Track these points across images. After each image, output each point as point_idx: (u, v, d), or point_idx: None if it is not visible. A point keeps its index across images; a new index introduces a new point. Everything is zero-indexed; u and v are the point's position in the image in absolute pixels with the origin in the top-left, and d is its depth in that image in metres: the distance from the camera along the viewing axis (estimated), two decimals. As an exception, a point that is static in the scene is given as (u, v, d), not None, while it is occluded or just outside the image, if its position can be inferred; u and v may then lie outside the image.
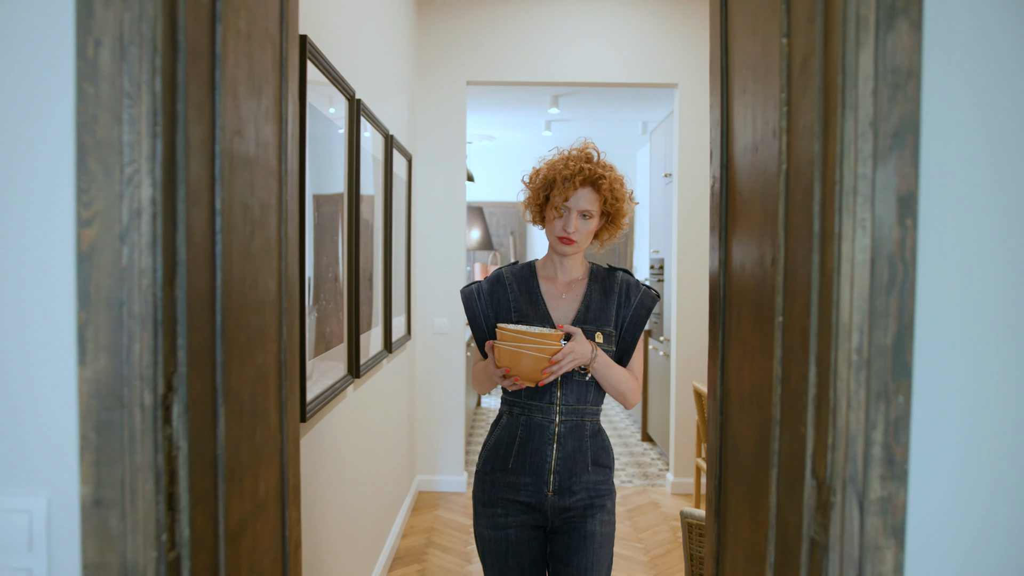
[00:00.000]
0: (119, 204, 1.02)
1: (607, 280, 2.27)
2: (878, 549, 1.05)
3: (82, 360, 1.03)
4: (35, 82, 1.03)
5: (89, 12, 1.01)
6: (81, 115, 1.01)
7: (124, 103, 1.01)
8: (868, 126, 1.02)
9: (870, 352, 1.03)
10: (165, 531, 1.07)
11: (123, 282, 1.02)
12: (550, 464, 2.15)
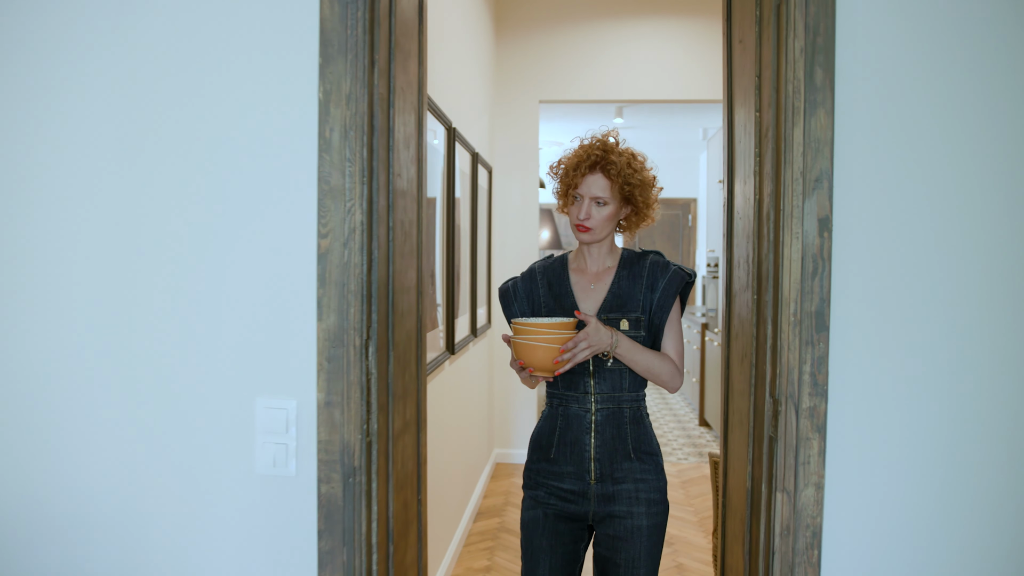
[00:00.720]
0: (342, 225, 1.71)
1: (636, 265, 2.19)
2: (808, 440, 1.67)
3: (320, 317, 1.72)
4: (295, 154, 1.73)
5: (326, 111, 1.70)
6: (320, 172, 1.70)
7: (345, 165, 1.70)
8: (800, 174, 1.64)
9: (801, 315, 1.66)
10: (364, 423, 1.76)
11: (344, 271, 1.71)
12: (589, 452, 2.12)
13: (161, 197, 1.76)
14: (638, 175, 2.14)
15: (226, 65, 1.74)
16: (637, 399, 2.17)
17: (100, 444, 1.80)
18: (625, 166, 2.13)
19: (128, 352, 1.78)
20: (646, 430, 2.17)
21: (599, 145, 2.16)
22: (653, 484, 2.15)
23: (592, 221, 2.14)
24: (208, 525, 1.78)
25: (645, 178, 2.17)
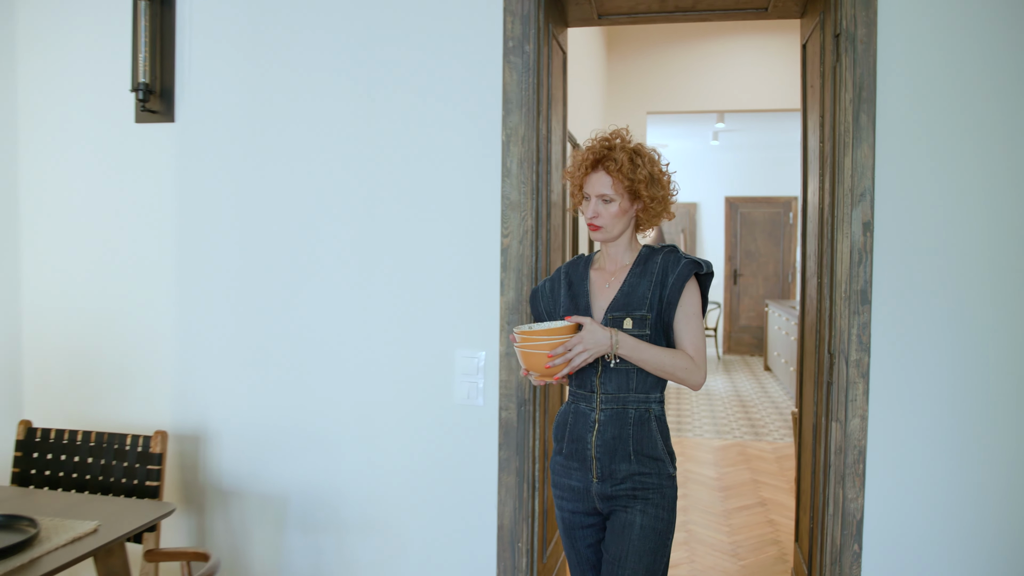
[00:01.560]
0: (519, 228, 2.44)
1: (649, 261, 2.11)
2: (855, 383, 2.30)
3: (502, 293, 2.46)
4: (484, 180, 2.47)
5: (508, 149, 2.43)
6: (503, 191, 2.44)
7: (521, 186, 2.43)
8: (848, 190, 2.28)
9: (850, 293, 2.29)
10: (532, 369, 2.48)
11: (519, 261, 2.45)
12: (590, 451, 2.06)
13: (395, 217, 2.54)
14: (642, 170, 2.06)
15: (442, 122, 2.50)
16: (646, 401, 2.06)
17: (346, 383, 2.60)
18: (627, 162, 2.05)
19: (370, 316, 2.57)
20: (651, 433, 2.05)
21: (603, 143, 2.10)
22: (654, 489, 2.03)
23: (601, 219, 2.09)
24: (423, 439, 2.56)
25: (652, 172, 2.07)
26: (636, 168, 2.05)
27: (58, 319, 2.87)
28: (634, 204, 2.10)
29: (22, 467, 2.53)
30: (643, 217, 2.13)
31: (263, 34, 2.65)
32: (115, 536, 1.90)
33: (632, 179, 2.04)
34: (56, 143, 2.86)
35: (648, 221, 2.15)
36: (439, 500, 2.57)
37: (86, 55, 2.82)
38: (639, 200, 2.09)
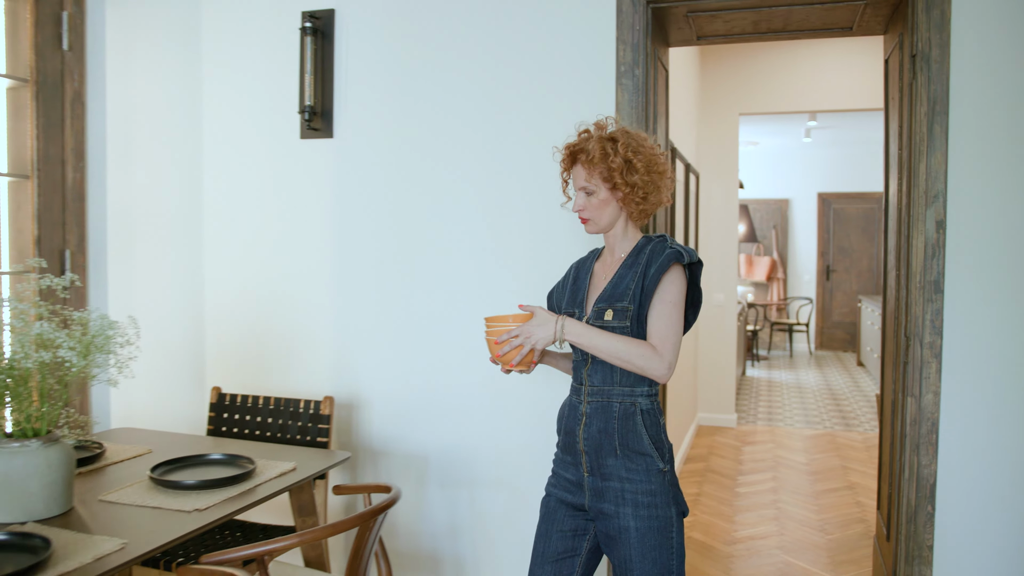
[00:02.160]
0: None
1: (640, 252, 2.07)
2: (928, 363, 2.61)
3: (614, 283, 2.86)
4: (598, 184, 2.87)
5: (620, 159, 2.83)
6: (615, 195, 2.84)
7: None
8: (923, 193, 2.59)
9: (924, 283, 2.60)
10: (639, 348, 2.87)
11: (629, 255, 2.84)
12: (579, 444, 2.06)
13: (521, 216, 2.97)
14: (615, 158, 2.01)
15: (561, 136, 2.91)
16: (631, 395, 2.02)
17: (477, 359, 3.04)
18: (598, 152, 2.03)
19: (498, 300, 3.01)
20: (636, 427, 2.00)
21: (580, 136, 2.12)
22: (641, 486, 1.99)
23: (587, 212, 2.09)
24: (543, 407, 2.98)
25: (627, 159, 2.02)
26: (607, 157, 2.02)
27: (234, 305, 3.41)
28: (615, 193, 2.06)
29: (215, 424, 3.08)
30: (628, 205, 2.07)
31: (405, 63, 3.12)
32: (309, 474, 2.39)
33: (609, 168, 2.02)
34: (234, 155, 3.40)
35: (636, 209, 2.07)
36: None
37: (258, 81, 3.35)
38: (618, 189, 2.04)
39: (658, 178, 2.07)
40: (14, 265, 2.99)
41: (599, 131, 2.09)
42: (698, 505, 4.76)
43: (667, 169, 2.10)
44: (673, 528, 2.01)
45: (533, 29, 2.96)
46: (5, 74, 3.49)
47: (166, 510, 2.01)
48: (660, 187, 2.08)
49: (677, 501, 2.03)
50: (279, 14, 3.30)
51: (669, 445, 2.06)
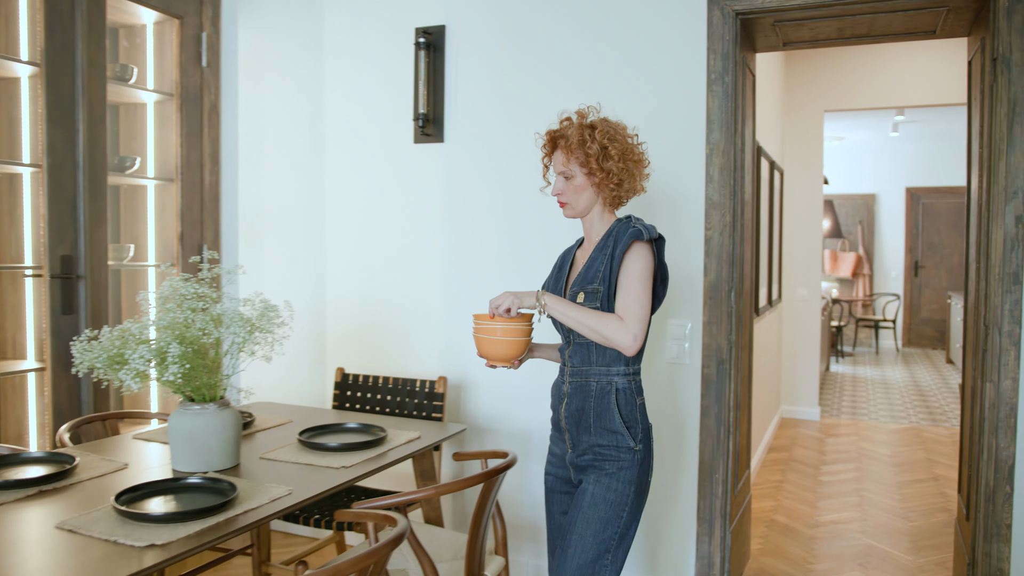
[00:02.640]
0: (720, 223, 3.06)
1: (609, 235, 2.16)
2: (1007, 350, 2.76)
3: (705, 274, 3.09)
4: (690, 185, 3.10)
5: (711, 160, 3.06)
6: (707, 193, 3.07)
7: (722, 189, 3.05)
8: (1002, 189, 2.74)
9: (1003, 275, 2.75)
10: (729, 335, 3.10)
11: (720, 249, 3.06)
12: (562, 422, 2.18)
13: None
14: (592, 145, 2.11)
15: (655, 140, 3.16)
16: (607, 374, 2.12)
17: (579, 343, 3.30)
18: (576, 138, 2.13)
19: (596, 293, 3.27)
20: (609, 406, 2.10)
21: (561, 123, 2.22)
22: (611, 460, 2.09)
23: (564, 196, 2.18)
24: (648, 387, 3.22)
25: (603, 146, 2.12)
26: (584, 143, 2.11)
27: (353, 294, 3.77)
28: (591, 179, 2.14)
29: (339, 401, 3.43)
30: (603, 191, 2.16)
31: (510, 73, 3.40)
32: (432, 442, 2.70)
33: (586, 154, 2.11)
34: (353, 158, 3.75)
35: (611, 195, 2.16)
36: (650, 439, 3.23)
37: (375, 91, 3.69)
38: (593, 174, 2.13)
39: (633, 166, 2.16)
40: (192, 257, 3.42)
41: (580, 119, 2.20)
42: (781, 491, 4.93)
43: (642, 159, 2.20)
44: (626, 507, 2.08)
45: (629, 40, 3.20)
46: (153, 89, 3.92)
47: (317, 466, 2.35)
48: (634, 175, 2.17)
49: (641, 484, 2.10)
50: (394, 30, 3.63)
51: (646, 425, 2.15)
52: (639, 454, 2.10)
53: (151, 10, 3.74)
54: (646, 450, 2.13)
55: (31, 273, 3.44)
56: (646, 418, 2.16)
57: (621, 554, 2.08)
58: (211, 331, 2.22)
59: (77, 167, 3.38)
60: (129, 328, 2.24)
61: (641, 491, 2.11)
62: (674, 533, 3.21)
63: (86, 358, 2.18)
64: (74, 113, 3.36)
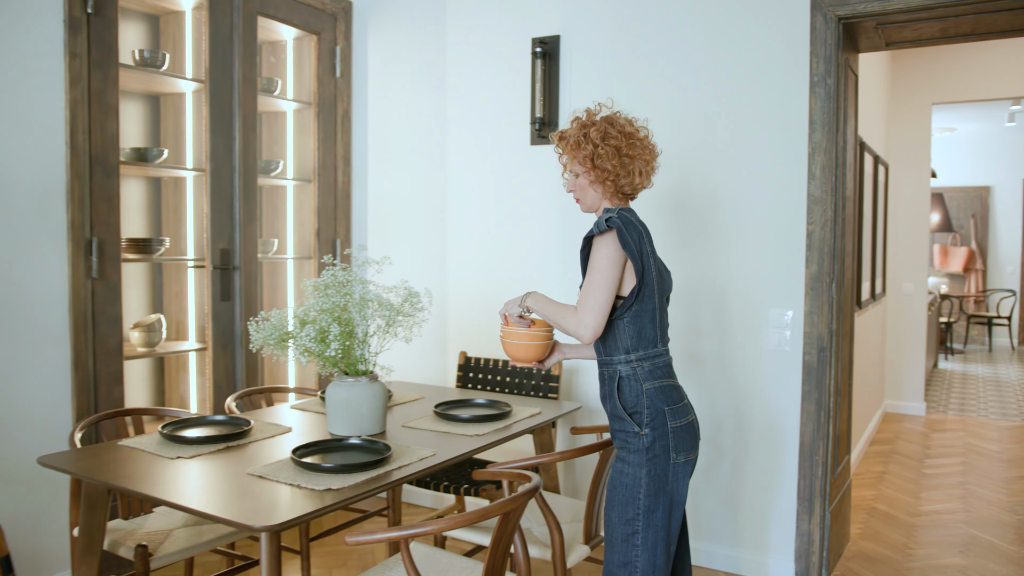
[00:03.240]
0: (821, 218, 3.22)
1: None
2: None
3: (806, 266, 3.26)
4: (793, 182, 3.28)
5: (812, 158, 3.23)
6: (808, 190, 3.23)
7: (823, 186, 3.21)
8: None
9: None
10: (830, 324, 3.26)
11: (821, 243, 3.23)
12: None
13: (722, 209, 3.43)
14: (588, 144, 2.21)
15: (759, 139, 3.35)
16: (611, 363, 2.22)
17: (682, 335, 3.53)
18: (573, 138, 2.25)
19: (702, 284, 3.49)
20: (613, 394, 2.20)
21: (570, 125, 2.32)
22: (623, 447, 2.18)
23: (576, 192, 2.30)
24: (741, 375, 3.43)
25: (595, 144, 2.21)
26: (580, 144, 2.22)
27: (472, 284, 4.09)
28: (589, 176, 2.24)
29: (462, 382, 3.76)
30: (604, 186, 2.25)
31: (620, 78, 3.65)
32: (551, 417, 2.98)
33: (583, 153, 2.22)
34: (473, 159, 4.07)
35: (610, 190, 2.25)
36: (752, 421, 3.43)
37: (493, 97, 4.00)
38: (590, 172, 2.23)
39: (628, 162, 2.22)
40: (347, 249, 3.82)
41: (587, 118, 2.29)
42: (882, 482, 5.01)
43: (639, 155, 2.24)
44: (640, 489, 2.13)
45: (733, 46, 3.40)
46: (291, 99, 4.35)
47: (452, 434, 2.66)
48: (632, 171, 2.23)
49: (653, 466, 2.13)
50: (511, 40, 3.92)
51: (655, 410, 2.15)
52: (646, 439, 2.13)
53: (292, 28, 4.16)
54: (656, 434, 2.14)
55: (193, 264, 3.90)
56: (659, 402, 2.17)
57: (652, 533, 2.13)
58: (365, 314, 2.56)
59: (234, 171, 3.81)
60: (295, 311, 2.60)
61: (655, 474, 2.13)
62: (776, 511, 3.40)
63: (259, 336, 2.56)
64: (231, 123, 3.79)
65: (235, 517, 1.87)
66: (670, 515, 2.15)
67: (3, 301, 2.92)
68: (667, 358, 2.26)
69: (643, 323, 2.19)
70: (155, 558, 2.42)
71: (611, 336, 2.21)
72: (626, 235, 2.13)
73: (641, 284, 2.17)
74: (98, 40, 3.20)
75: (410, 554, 1.86)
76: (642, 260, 2.16)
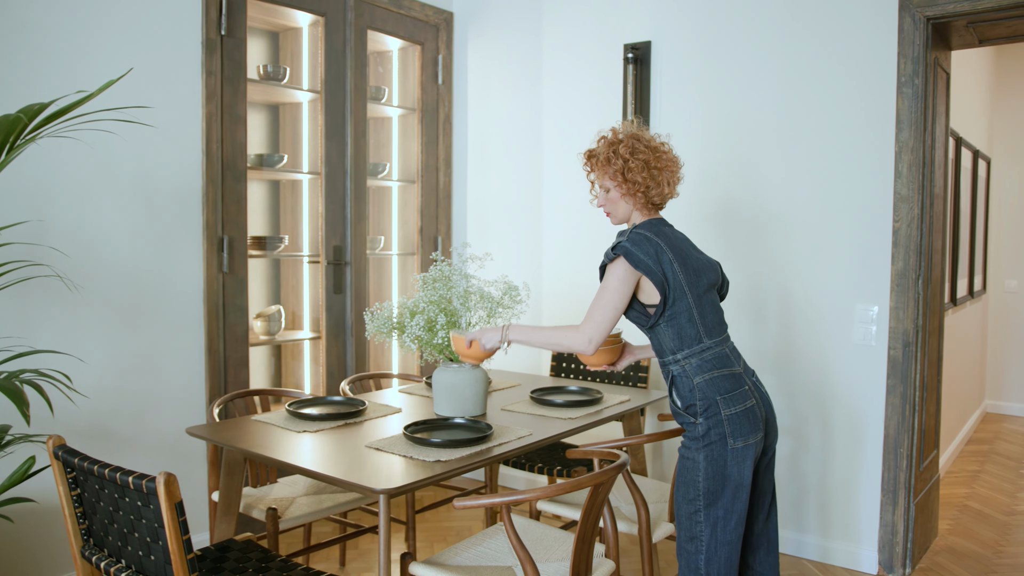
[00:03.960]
0: (908, 215, 3.29)
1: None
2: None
3: (892, 263, 3.33)
4: (879, 180, 3.36)
5: (899, 156, 3.30)
6: (895, 188, 3.31)
7: (910, 184, 3.28)
8: None
9: None
10: (916, 320, 3.33)
11: (907, 240, 3.30)
12: None
13: (810, 207, 3.54)
14: (617, 160, 2.35)
15: (845, 137, 3.43)
16: (665, 364, 2.36)
17: (769, 330, 3.65)
18: (602, 155, 2.39)
19: (790, 281, 3.60)
20: (669, 389, 2.35)
21: (598, 143, 2.45)
22: (684, 436, 2.32)
23: (606, 207, 2.45)
24: (826, 369, 3.53)
25: (624, 159, 2.34)
26: (610, 160, 2.36)
27: (565, 280, 4.30)
28: (620, 190, 2.37)
29: (555, 371, 3.97)
30: (635, 198, 2.37)
31: (709, 81, 3.79)
32: (639, 404, 3.17)
33: (613, 169, 2.35)
34: (567, 161, 4.28)
35: (641, 203, 2.37)
36: (836, 414, 3.53)
37: (586, 100, 4.19)
38: (621, 186, 2.36)
39: (656, 174, 2.35)
40: (451, 247, 4.10)
41: (612, 136, 2.42)
42: (976, 480, 4.97)
43: (666, 166, 2.37)
44: (700, 473, 2.25)
45: (820, 48, 3.49)
46: (396, 105, 4.64)
47: (548, 417, 2.88)
48: (660, 182, 2.36)
49: (710, 452, 2.24)
50: (603, 46, 4.11)
51: (708, 401, 2.26)
52: (700, 427, 2.25)
53: (398, 39, 4.45)
54: (711, 422, 2.25)
55: (308, 260, 4.25)
56: (711, 393, 2.26)
57: (713, 511, 2.26)
58: (468, 305, 2.81)
59: (346, 174, 4.13)
60: (404, 303, 2.87)
61: (712, 459, 2.25)
62: (860, 501, 3.49)
63: (373, 326, 2.84)
64: (344, 129, 4.11)
65: (359, 481, 2.14)
66: (734, 497, 2.26)
67: (151, 293, 3.30)
68: (717, 350, 2.32)
69: (680, 324, 2.29)
70: (282, 520, 2.73)
71: (656, 341, 2.35)
72: (636, 255, 2.26)
73: (666, 291, 2.28)
74: (230, 58, 3.55)
75: (511, 519, 2.08)
76: (661, 269, 2.27)
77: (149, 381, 3.32)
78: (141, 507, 1.82)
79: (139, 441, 3.29)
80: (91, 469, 1.87)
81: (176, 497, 1.75)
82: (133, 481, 1.77)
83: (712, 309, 2.37)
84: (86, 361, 3.06)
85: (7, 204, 2.86)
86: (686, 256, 2.33)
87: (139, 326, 3.27)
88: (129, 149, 3.18)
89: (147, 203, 3.27)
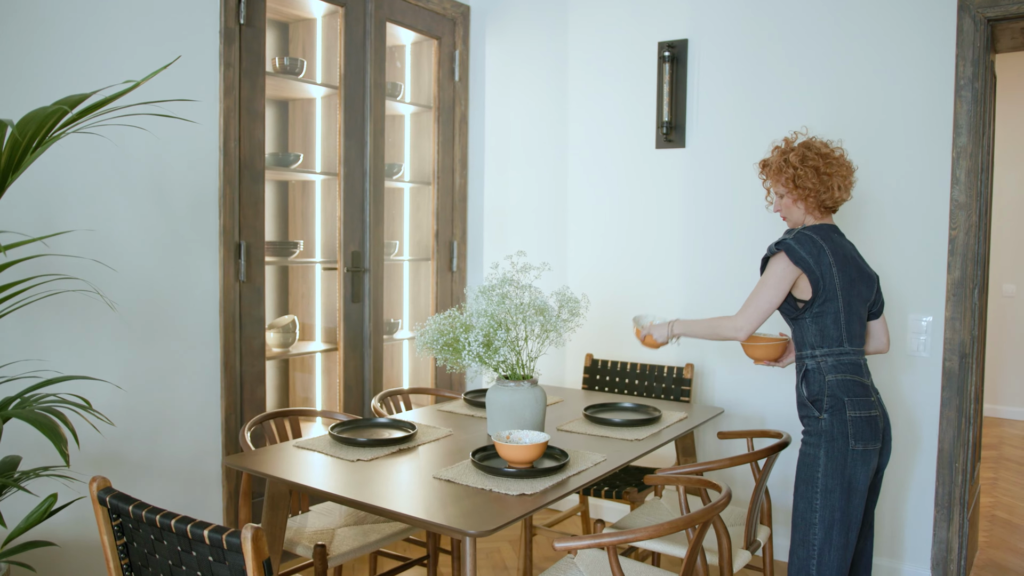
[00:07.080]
0: (965, 223, 3.18)
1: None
2: None
3: (948, 272, 3.22)
4: (935, 186, 3.24)
5: (957, 163, 3.18)
6: (952, 195, 3.19)
7: (968, 191, 3.17)
8: None
9: None
10: (973, 331, 3.22)
11: (964, 248, 3.19)
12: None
13: (858, 213, 3.40)
14: (789, 168, 2.52)
15: (899, 143, 3.31)
16: (801, 357, 2.50)
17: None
18: (775, 164, 2.57)
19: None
20: (800, 382, 2.48)
21: (772, 153, 2.63)
22: (805, 431, 2.46)
23: (781, 211, 2.62)
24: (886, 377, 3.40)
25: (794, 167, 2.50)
26: (782, 168, 2.54)
27: (592, 285, 4.12)
28: (792, 195, 2.54)
29: (588, 384, 3.79)
30: (807, 203, 2.53)
31: (750, 84, 3.64)
32: (699, 422, 3.00)
33: (786, 177, 2.53)
34: (594, 162, 4.10)
35: (812, 206, 2.53)
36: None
37: (616, 100, 4.02)
38: (792, 192, 2.53)
39: (827, 179, 2.49)
40: (509, 254, 3.85)
41: (785, 146, 2.59)
42: (997, 488, 4.93)
43: (836, 172, 2.50)
44: (818, 467, 2.39)
45: (870, 50, 3.37)
46: (410, 102, 4.41)
47: (609, 438, 2.70)
48: (831, 186, 2.50)
49: (830, 448, 2.36)
50: (636, 44, 3.94)
51: (835, 399, 2.38)
52: (824, 423, 2.39)
53: (412, 32, 4.22)
54: (835, 420, 2.37)
55: (323, 267, 4.00)
56: (840, 392, 2.39)
57: (828, 513, 2.37)
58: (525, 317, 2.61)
59: (364, 175, 3.90)
60: (458, 316, 2.66)
61: (833, 455, 2.36)
62: (911, 517, 3.38)
63: (421, 341, 2.62)
64: (363, 127, 3.87)
65: (445, 522, 1.93)
66: (848, 500, 2.36)
67: (164, 305, 3.03)
68: (854, 357, 2.45)
69: (825, 323, 2.44)
70: (331, 558, 2.50)
71: (798, 333, 2.51)
72: (798, 252, 2.42)
73: (819, 288, 2.42)
74: (248, 50, 3.30)
75: (618, 561, 1.89)
76: (819, 270, 2.41)
77: (163, 400, 3.05)
78: (213, 563, 1.59)
79: (153, 466, 3.02)
80: (151, 519, 1.62)
81: (264, 554, 1.51)
82: (210, 535, 1.53)
83: (858, 320, 2.48)
84: (109, 381, 2.79)
85: (13, 211, 2.58)
86: (846, 263, 2.46)
87: (152, 340, 3.00)
88: (144, 148, 2.92)
89: (162, 205, 3.00)
